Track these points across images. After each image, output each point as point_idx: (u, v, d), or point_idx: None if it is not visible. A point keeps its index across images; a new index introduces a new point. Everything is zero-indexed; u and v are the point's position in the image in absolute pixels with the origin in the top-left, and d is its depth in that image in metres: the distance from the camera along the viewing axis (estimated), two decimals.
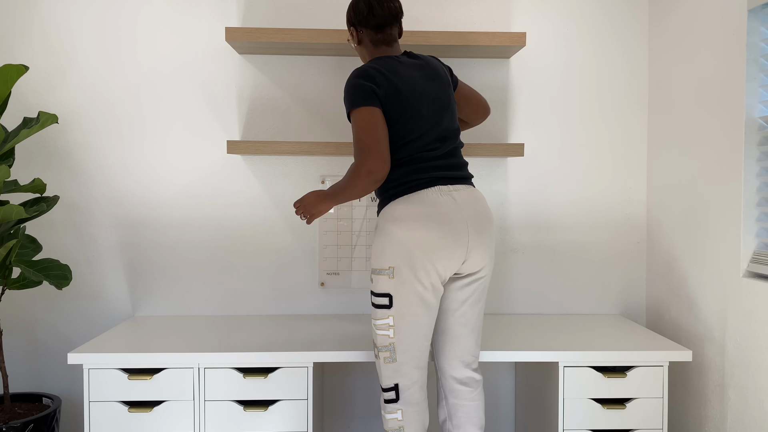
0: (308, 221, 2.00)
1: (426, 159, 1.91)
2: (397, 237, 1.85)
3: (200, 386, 2.09)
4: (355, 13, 2.02)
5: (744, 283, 2.04)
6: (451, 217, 1.86)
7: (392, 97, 1.88)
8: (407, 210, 1.86)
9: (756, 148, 2.03)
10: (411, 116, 1.90)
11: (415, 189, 1.88)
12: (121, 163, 2.62)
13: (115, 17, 2.59)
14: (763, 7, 1.99)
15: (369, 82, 1.87)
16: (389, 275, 1.85)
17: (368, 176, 1.82)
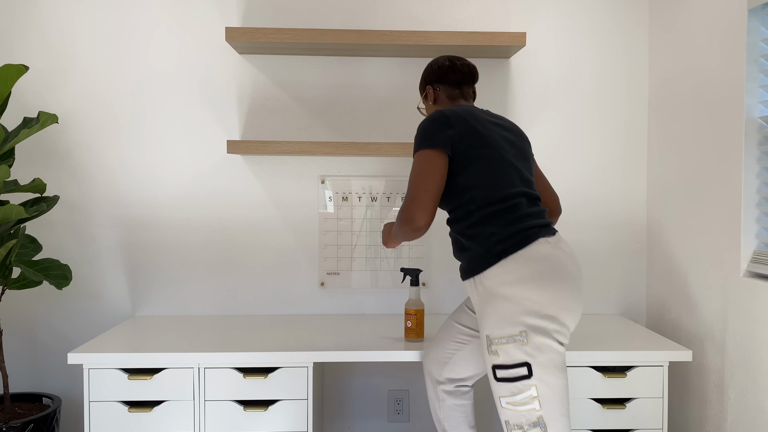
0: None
1: (522, 206, 1.77)
2: (524, 299, 1.67)
3: (200, 386, 2.09)
4: (434, 69, 2.00)
5: (744, 283, 2.04)
6: (570, 271, 1.72)
7: (469, 136, 1.78)
8: (528, 268, 1.69)
9: (756, 148, 2.03)
10: (492, 157, 1.79)
11: (525, 243, 1.71)
12: (121, 163, 2.62)
13: (115, 17, 2.59)
14: (763, 7, 1.99)
15: (441, 122, 1.79)
16: (522, 341, 1.64)
17: (409, 224, 1.74)
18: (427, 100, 2.03)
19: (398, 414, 2.71)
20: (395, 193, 2.67)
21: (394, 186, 2.67)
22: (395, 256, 2.67)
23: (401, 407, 2.70)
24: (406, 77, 2.64)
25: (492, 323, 1.69)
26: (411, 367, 2.70)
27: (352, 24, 2.62)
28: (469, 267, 1.81)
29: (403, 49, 2.51)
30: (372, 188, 2.66)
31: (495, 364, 1.69)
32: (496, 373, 1.69)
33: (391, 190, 2.67)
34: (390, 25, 2.62)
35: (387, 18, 2.63)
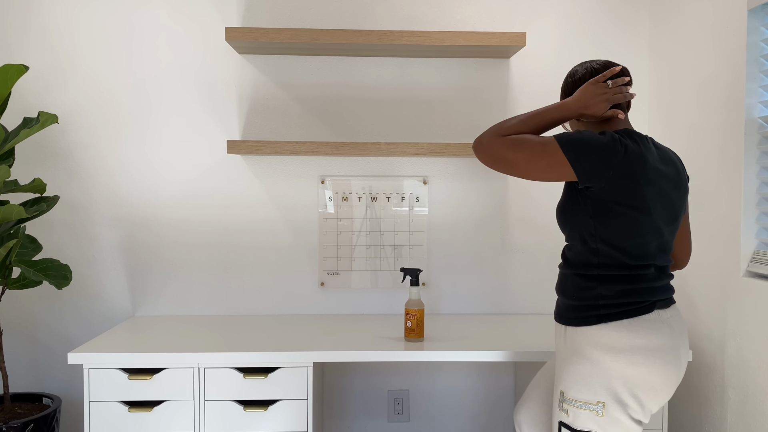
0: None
1: (646, 278, 1.61)
2: (613, 370, 1.56)
3: (200, 386, 2.09)
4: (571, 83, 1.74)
5: (744, 283, 2.04)
6: (673, 354, 1.59)
7: (629, 184, 1.55)
8: (627, 339, 1.56)
9: (756, 148, 2.03)
10: (637, 219, 1.58)
11: (635, 314, 1.58)
12: (121, 162, 2.62)
13: (115, 17, 2.59)
14: (763, 7, 1.99)
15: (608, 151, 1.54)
16: (597, 411, 1.56)
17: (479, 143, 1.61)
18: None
19: (398, 414, 2.71)
20: (395, 193, 2.67)
21: (394, 186, 2.67)
22: (395, 256, 2.68)
23: (401, 407, 2.70)
24: (406, 77, 2.64)
25: (571, 382, 1.61)
26: (411, 367, 2.70)
27: (352, 24, 2.62)
28: (564, 314, 1.68)
29: (403, 49, 2.51)
30: (372, 188, 2.66)
31: (562, 421, 1.63)
32: (560, 430, 1.64)
33: (391, 190, 2.67)
34: (390, 25, 2.62)
35: (387, 18, 2.63)
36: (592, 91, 1.65)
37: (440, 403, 2.72)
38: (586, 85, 1.67)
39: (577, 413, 1.59)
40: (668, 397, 1.63)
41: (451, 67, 2.65)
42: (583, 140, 1.56)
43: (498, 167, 1.63)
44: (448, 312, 2.68)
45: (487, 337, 2.29)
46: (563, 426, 1.62)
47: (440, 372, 2.71)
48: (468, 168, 2.67)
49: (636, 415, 1.58)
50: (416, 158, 2.66)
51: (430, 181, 2.67)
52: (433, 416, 2.72)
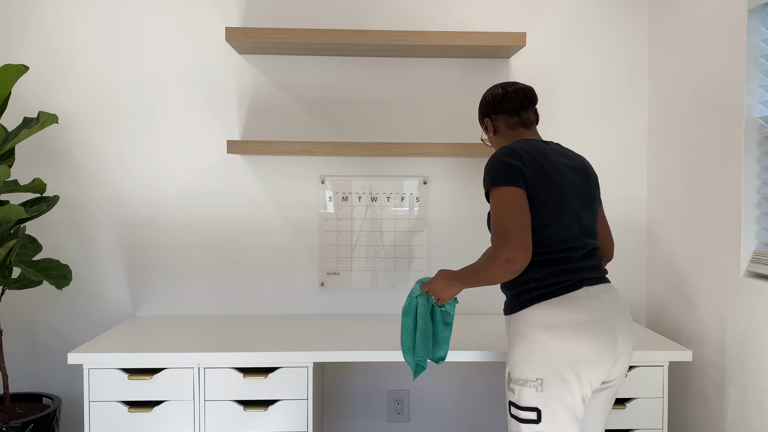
0: (439, 303, 1.92)
1: (571, 260, 1.75)
2: (546, 346, 1.68)
3: (200, 386, 2.09)
4: (489, 101, 1.94)
5: (744, 283, 2.04)
6: (603, 325, 1.70)
7: (540, 181, 1.73)
8: (557, 316, 1.69)
9: (756, 148, 2.03)
10: (557, 203, 1.74)
11: (563, 292, 1.72)
12: (121, 162, 2.62)
13: (115, 17, 2.59)
14: (763, 7, 1.99)
15: (516, 160, 1.72)
16: (537, 387, 1.68)
17: (506, 265, 1.65)
18: (488, 131, 1.97)
19: (398, 414, 2.71)
20: (395, 193, 2.67)
21: (394, 186, 2.67)
22: (395, 256, 2.67)
23: (401, 407, 2.70)
24: (406, 77, 2.64)
25: (514, 362, 1.74)
26: None
27: (352, 24, 2.62)
28: (506, 305, 1.83)
29: (403, 49, 2.51)
30: (372, 188, 2.66)
31: (510, 401, 1.75)
32: (510, 409, 1.75)
33: (392, 190, 2.67)
34: (390, 25, 2.63)
35: (387, 18, 2.63)
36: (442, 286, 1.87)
37: (440, 403, 2.72)
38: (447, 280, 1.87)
39: (521, 391, 1.71)
40: (606, 368, 1.71)
41: (451, 67, 2.65)
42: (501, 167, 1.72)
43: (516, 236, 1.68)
44: None
45: (486, 337, 2.29)
46: (512, 405, 1.74)
47: (440, 372, 2.71)
48: (468, 168, 2.67)
49: (573, 388, 1.67)
50: (416, 158, 2.66)
51: (430, 181, 2.67)
52: (433, 416, 2.72)
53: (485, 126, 1.97)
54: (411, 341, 1.95)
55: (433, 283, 1.89)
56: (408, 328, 1.95)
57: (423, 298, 1.93)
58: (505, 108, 1.91)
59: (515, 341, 1.76)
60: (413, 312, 1.94)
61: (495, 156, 1.76)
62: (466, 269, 1.81)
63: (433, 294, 1.90)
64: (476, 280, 1.78)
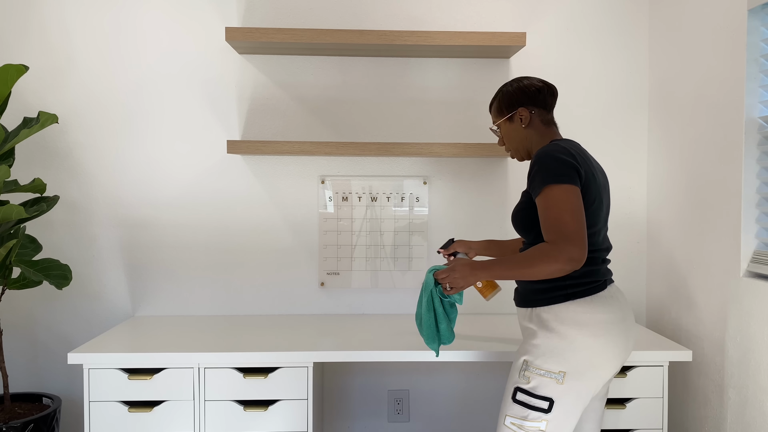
0: (450, 292, 1.87)
1: (600, 261, 1.79)
2: (576, 342, 1.70)
3: (200, 386, 2.09)
4: (530, 91, 1.87)
5: (744, 283, 2.04)
6: (625, 324, 1.77)
7: (590, 182, 1.73)
8: (590, 314, 1.72)
9: (756, 148, 2.03)
10: (599, 206, 1.76)
11: (595, 291, 1.75)
12: (121, 162, 2.62)
13: (115, 17, 2.59)
14: (763, 7, 1.99)
15: (572, 159, 1.70)
16: (558, 380, 1.70)
17: (568, 264, 1.63)
18: (513, 122, 1.90)
19: (398, 414, 2.71)
20: (395, 193, 2.67)
21: (394, 186, 2.67)
22: (395, 256, 2.67)
23: (401, 407, 2.70)
24: (406, 77, 2.64)
25: (537, 353, 1.73)
26: (411, 367, 2.70)
27: (352, 24, 2.62)
28: (528, 297, 1.81)
29: (403, 49, 2.51)
30: (372, 188, 2.66)
31: (520, 387, 1.74)
32: (516, 395, 1.74)
33: (392, 190, 2.67)
34: (390, 25, 2.63)
35: (387, 18, 2.63)
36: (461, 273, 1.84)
37: (440, 403, 2.72)
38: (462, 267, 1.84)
39: (540, 380, 1.72)
40: (619, 366, 1.78)
41: (451, 67, 2.65)
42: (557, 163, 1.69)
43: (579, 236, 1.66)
44: None
45: (486, 337, 2.29)
46: (520, 390, 1.74)
47: (440, 372, 2.71)
48: (468, 168, 2.67)
49: (590, 385, 1.72)
50: (416, 158, 2.66)
51: (430, 181, 2.68)
52: (433, 416, 2.72)
53: (513, 116, 1.89)
54: (435, 333, 1.95)
55: (455, 270, 1.83)
56: (431, 325, 1.94)
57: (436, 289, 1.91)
58: (546, 103, 1.88)
59: (541, 333, 1.75)
60: (431, 304, 1.92)
61: (548, 152, 1.71)
62: (502, 262, 1.76)
63: (451, 282, 1.84)
64: (516, 274, 1.73)
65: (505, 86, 1.93)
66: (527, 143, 1.90)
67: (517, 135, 1.91)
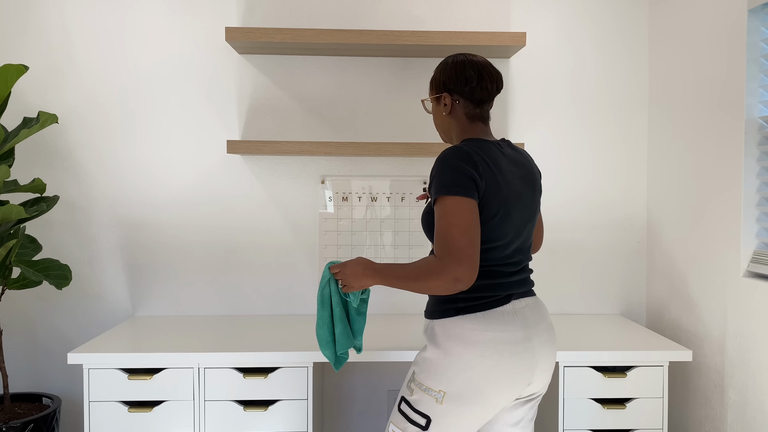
0: (344, 290, 1.76)
1: (503, 275, 1.64)
2: (461, 362, 1.59)
3: (200, 386, 2.09)
4: (457, 78, 1.70)
5: (744, 283, 2.04)
6: (524, 345, 1.61)
7: (492, 194, 1.58)
8: (480, 332, 1.59)
9: (756, 148, 2.03)
10: (503, 219, 1.61)
11: (490, 306, 1.61)
12: (121, 162, 2.62)
13: (115, 17, 2.59)
14: (763, 7, 1.99)
15: (471, 168, 1.56)
16: (437, 399, 1.60)
17: (453, 284, 1.52)
18: (438, 104, 1.76)
19: None
20: (395, 193, 2.67)
21: (394, 186, 2.67)
22: (395, 256, 2.67)
23: None
24: (406, 77, 2.64)
25: (423, 366, 1.65)
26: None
27: (352, 24, 2.62)
28: (430, 309, 1.71)
29: (403, 49, 2.51)
30: (372, 188, 2.66)
31: (405, 397, 1.67)
32: (401, 404, 1.68)
33: (392, 190, 2.67)
34: (390, 25, 2.63)
35: (387, 18, 2.63)
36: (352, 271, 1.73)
37: None
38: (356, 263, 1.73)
39: (421, 395, 1.63)
40: (516, 390, 1.62)
41: None
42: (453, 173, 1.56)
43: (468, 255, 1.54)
44: None
45: None
46: (404, 401, 1.67)
47: None
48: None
49: (474, 410, 1.60)
50: (416, 158, 2.66)
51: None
52: None
53: (440, 98, 1.74)
54: (330, 334, 1.82)
55: (347, 266, 1.73)
56: (325, 321, 1.81)
57: (334, 283, 1.79)
58: (473, 95, 1.70)
59: (431, 347, 1.65)
60: (329, 301, 1.79)
61: (447, 158, 1.58)
62: (394, 268, 1.66)
63: (342, 278, 1.74)
64: (405, 285, 1.62)
65: (446, 60, 1.75)
66: (448, 131, 1.77)
67: (439, 119, 1.78)
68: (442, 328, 1.64)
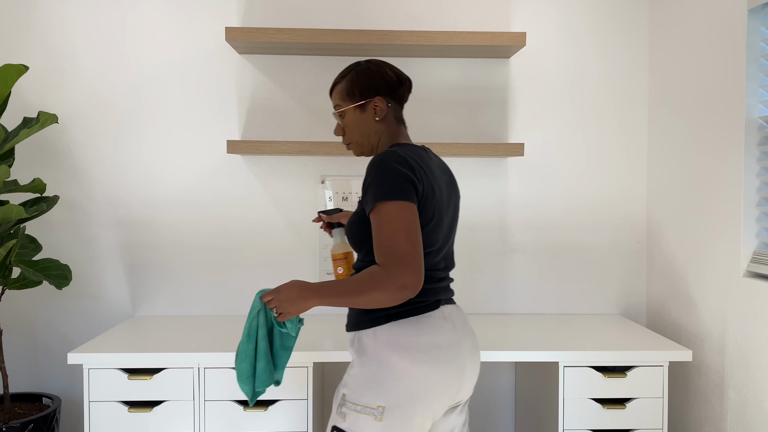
0: (280, 318, 1.60)
1: (433, 280, 1.60)
2: (397, 371, 1.52)
3: (200, 386, 2.09)
4: (387, 80, 1.65)
5: (744, 283, 2.04)
6: (455, 349, 1.57)
7: (428, 198, 1.55)
8: (413, 337, 1.54)
9: (756, 148, 2.03)
10: (437, 224, 1.58)
11: (421, 311, 1.57)
12: (121, 163, 2.62)
13: (115, 17, 2.59)
14: (763, 7, 1.99)
15: (410, 172, 1.51)
16: (376, 416, 1.50)
17: (401, 292, 1.45)
18: (364, 111, 1.66)
19: None
20: None
21: None
22: None
23: None
24: None
25: (355, 385, 1.55)
26: None
27: (352, 24, 2.62)
28: (352, 319, 1.63)
29: (403, 49, 2.51)
30: None
31: (337, 425, 1.56)
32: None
33: None
34: (390, 25, 2.63)
35: (387, 18, 2.63)
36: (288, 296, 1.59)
37: None
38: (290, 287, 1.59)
39: (356, 418, 1.53)
40: (450, 396, 1.58)
41: (451, 67, 2.65)
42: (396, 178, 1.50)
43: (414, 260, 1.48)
44: None
45: (487, 337, 2.29)
46: (336, 430, 1.55)
47: None
48: (468, 168, 2.67)
49: (415, 420, 1.53)
50: None
51: None
52: None
53: (367, 105, 1.65)
54: (251, 369, 1.65)
55: (280, 292, 1.58)
56: (248, 355, 1.64)
57: (263, 314, 1.63)
58: (403, 98, 1.67)
59: (362, 361, 1.57)
60: (255, 334, 1.63)
61: (385, 162, 1.51)
62: (333, 285, 1.56)
63: (277, 305, 1.59)
64: (347, 301, 1.54)
65: (361, 66, 1.67)
66: (375, 139, 1.68)
67: (365, 127, 1.67)
68: (373, 337, 1.57)
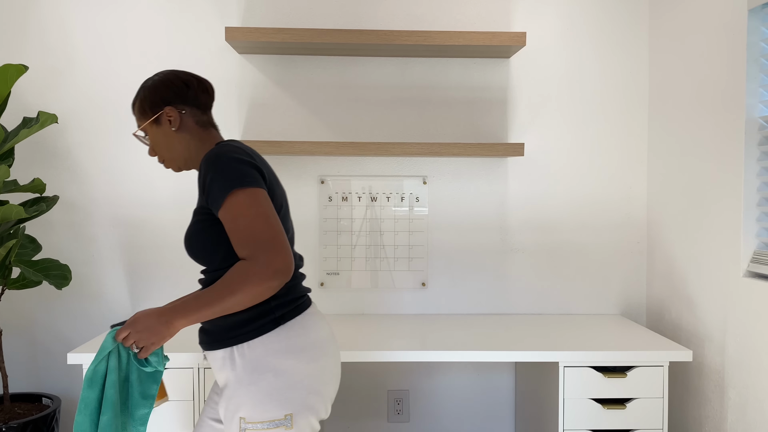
0: (141, 354, 1.48)
1: (298, 274, 1.58)
2: (295, 374, 1.47)
3: (200, 386, 2.09)
4: (176, 87, 1.59)
5: (744, 283, 2.04)
6: (334, 341, 1.60)
7: (274, 187, 1.53)
8: (304, 336, 1.51)
9: (756, 148, 2.03)
10: (285, 214, 1.57)
11: (304, 308, 1.54)
12: (121, 163, 2.62)
13: (115, 17, 2.59)
14: (763, 7, 1.99)
15: (252, 160, 1.47)
16: (286, 426, 1.46)
17: (276, 278, 1.38)
18: (160, 125, 1.58)
19: (398, 414, 2.71)
20: (395, 193, 2.67)
21: (394, 186, 2.67)
22: (395, 256, 2.67)
23: (401, 407, 2.70)
24: (406, 77, 2.64)
25: (252, 404, 1.46)
26: (411, 367, 2.70)
27: (352, 24, 2.62)
28: (225, 335, 1.51)
29: (403, 49, 2.51)
30: (372, 188, 2.66)
31: None
32: None
33: (391, 190, 2.67)
34: (390, 25, 2.63)
35: (387, 18, 2.63)
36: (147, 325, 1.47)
37: (440, 403, 2.72)
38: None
39: None
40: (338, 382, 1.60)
41: (451, 67, 2.65)
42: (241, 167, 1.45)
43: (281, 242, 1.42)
44: (447, 312, 2.68)
45: (487, 337, 2.29)
46: None
47: (440, 372, 2.71)
48: (468, 168, 2.67)
49: (321, 414, 1.53)
50: (416, 158, 2.66)
51: (430, 181, 2.67)
52: (433, 416, 2.72)
53: (161, 117, 1.58)
54: (92, 424, 1.43)
55: (136, 324, 1.45)
56: (89, 405, 1.43)
57: (114, 357, 1.45)
58: (198, 101, 1.61)
59: (254, 377, 1.47)
60: (101, 380, 1.43)
61: (221, 155, 1.46)
62: (195, 298, 1.44)
63: (137, 340, 1.45)
64: (218, 309, 1.42)
65: (147, 81, 1.62)
66: (183, 150, 1.60)
67: (168, 140, 1.59)
68: (262, 347, 1.48)
